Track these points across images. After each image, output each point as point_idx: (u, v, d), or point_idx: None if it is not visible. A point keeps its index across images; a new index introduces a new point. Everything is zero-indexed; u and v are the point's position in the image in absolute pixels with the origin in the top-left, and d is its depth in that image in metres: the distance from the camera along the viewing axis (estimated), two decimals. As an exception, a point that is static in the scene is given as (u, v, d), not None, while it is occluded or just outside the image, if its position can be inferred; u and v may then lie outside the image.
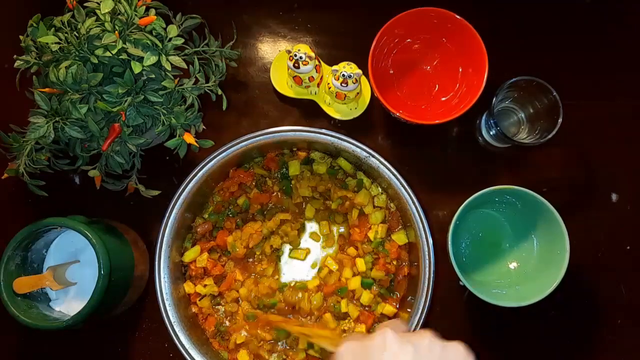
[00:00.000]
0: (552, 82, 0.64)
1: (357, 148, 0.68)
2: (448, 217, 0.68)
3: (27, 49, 0.61)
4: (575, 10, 0.76)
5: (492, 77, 0.64)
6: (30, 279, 0.63)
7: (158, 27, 0.59)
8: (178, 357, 0.65)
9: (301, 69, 0.67)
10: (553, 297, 0.60)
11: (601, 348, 0.70)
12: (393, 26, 0.66)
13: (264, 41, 0.77)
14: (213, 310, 0.69)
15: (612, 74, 0.75)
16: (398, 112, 0.65)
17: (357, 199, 0.70)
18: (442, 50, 0.71)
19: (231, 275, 0.69)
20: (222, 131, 0.73)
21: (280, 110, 0.75)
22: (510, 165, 0.73)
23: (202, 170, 0.68)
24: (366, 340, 0.42)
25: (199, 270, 0.69)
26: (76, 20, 0.59)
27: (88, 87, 0.57)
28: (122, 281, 0.64)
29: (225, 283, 0.69)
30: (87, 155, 0.63)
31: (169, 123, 0.61)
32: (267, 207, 0.72)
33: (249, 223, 0.70)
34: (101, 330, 0.71)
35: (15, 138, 0.60)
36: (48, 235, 0.67)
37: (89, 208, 0.70)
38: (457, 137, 0.74)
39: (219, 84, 0.68)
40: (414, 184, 0.67)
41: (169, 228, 0.67)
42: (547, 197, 0.62)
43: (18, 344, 0.72)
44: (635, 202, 0.72)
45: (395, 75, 0.73)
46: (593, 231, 0.72)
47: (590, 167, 0.73)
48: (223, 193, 0.72)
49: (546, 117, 0.66)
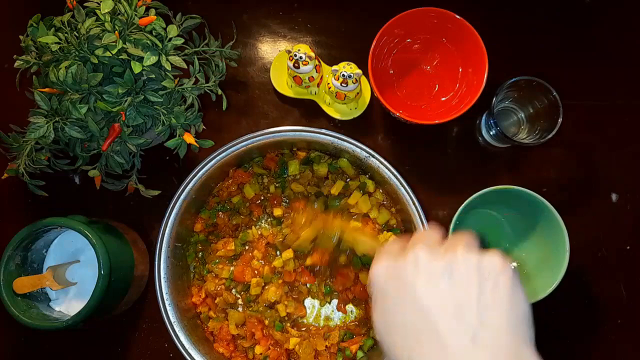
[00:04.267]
0: (552, 82, 0.64)
1: (357, 148, 0.68)
2: (448, 217, 0.68)
3: (27, 49, 0.61)
4: (575, 10, 0.76)
5: (492, 77, 0.64)
6: (30, 279, 0.63)
7: (158, 27, 0.59)
8: (178, 357, 0.65)
9: (301, 69, 0.67)
10: (553, 297, 0.60)
11: (601, 348, 0.70)
12: (393, 26, 0.66)
13: (264, 41, 0.77)
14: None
15: (612, 73, 0.75)
16: (398, 112, 0.65)
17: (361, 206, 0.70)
18: (442, 50, 0.71)
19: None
20: (222, 131, 0.73)
21: (280, 110, 0.75)
22: (510, 165, 0.73)
23: (202, 170, 0.68)
24: (399, 260, 0.40)
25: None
26: (76, 20, 0.59)
27: (88, 87, 0.57)
28: (122, 281, 0.64)
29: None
30: (87, 155, 0.63)
31: (169, 123, 0.61)
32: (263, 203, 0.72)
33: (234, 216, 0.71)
34: (101, 330, 0.71)
35: (15, 138, 0.60)
36: (48, 235, 0.67)
37: (89, 208, 0.70)
38: (457, 137, 0.74)
39: (219, 84, 0.68)
40: (414, 184, 0.67)
41: (169, 228, 0.67)
42: (547, 197, 0.62)
43: (18, 344, 0.72)
44: (635, 202, 0.72)
45: (395, 75, 0.73)
46: (593, 231, 0.72)
47: (590, 167, 0.73)
48: (222, 193, 0.72)
49: (546, 117, 0.66)
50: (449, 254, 0.38)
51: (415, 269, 0.38)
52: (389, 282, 0.40)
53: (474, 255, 0.38)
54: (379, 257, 0.42)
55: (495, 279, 0.37)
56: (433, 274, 0.37)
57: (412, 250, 0.39)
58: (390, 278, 0.40)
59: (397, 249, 0.42)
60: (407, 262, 0.39)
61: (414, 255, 0.39)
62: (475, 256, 0.38)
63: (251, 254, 0.70)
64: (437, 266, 0.38)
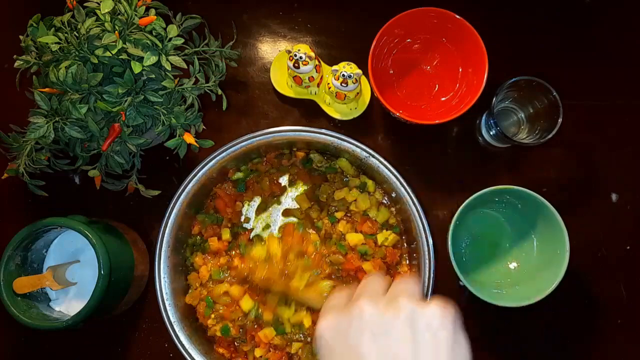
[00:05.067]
0: (552, 82, 0.64)
1: (357, 148, 0.68)
2: (448, 217, 0.68)
3: (27, 49, 0.61)
4: (575, 10, 0.76)
5: (492, 77, 0.64)
6: (30, 279, 0.63)
7: (158, 27, 0.59)
8: (178, 357, 0.65)
9: (301, 69, 0.67)
10: (553, 297, 0.60)
11: (601, 348, 0.70)
12: (393, 26, 0.66)
13: (264, 41, 0.77)
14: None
15: (612, 73, 0.75)
16: (398, 112, 0.65)
17: (360, 204, 0.70)
18: (442, 50, 0.71)
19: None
20: (222, 131, 0.73)
21: (280, 110, 0.75)
22: (510, 165, 0.73)
23: (202, 170, 0.68)
24: (345, 315, 0.40)
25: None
26: (76, 20, 0.59)
27: (88, 87, 0.57)
28: (122, 281, 0.64)
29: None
30: (87, 155, 0.63)
31: (169, 123, 0.61)
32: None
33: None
34: (101, 330, 0.71)
35: (15, 138, 0.60)
36: (48, 235, 0.67)
37: (89, 208, 0.70)
38: (457, 137, 0.74)
39: (219, 84, 0.68)
40: (414, 184, 0.67)
41: (169, 228, 0.67)
42: (547, 197, 0.62)
43: (18, 344, 0.72)
44: (635, 202, 0.72)
45: (395, 75, 0.73)
46: (593, 231, 0.72)
47: (590, 167, 0.73)
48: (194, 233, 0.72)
49: (546, 117, 0.66)
50: (391, 306, 0.38)
51: (359, 325, 0.38)
52: (336, 340, 0.39)
53: (409, 308, 0.38)
54: (324, 312, 0.42)
55: (434, 333, 0.37)
56: (376, 331, 0.37)
57: (356, 304, 0.39)
58: (337, 335, 0.39)
59: (343, 302, 0.42)
60: (352, 318, 0.39)
61: (358, 309, 0.39)
62: (410, 311, 0.38)
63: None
64: (379, 322, 0.38)
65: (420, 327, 0.37)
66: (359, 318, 0.39)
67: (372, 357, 0.37)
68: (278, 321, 0.67)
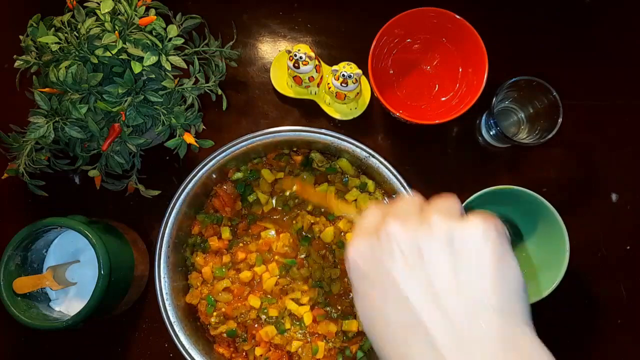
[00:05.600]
0: (552, 82, 0.64)
1: (357, 148, 0.68)
2: (448, 217, 0.68)
3: (27, 49, 0.61)
4: (575, 10, 0.76)
5: (492, 77, 0.64)
6: (30, 279, 0.63)
7: (158, 27, 0.59)
8: (178, 357, 0.65)
9: (301, 69, 0.67)
10: (553, 297, 0.60)
11: (601, 348, 0.70)
12: (393, 26, 0.66)
13: (264, 41, 0.77)
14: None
15: (612, 73, 0.75)
16: (398, 112, 0.65)
17: (360, 203, 0.70)
18: (442, 50, 0.71)
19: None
20: (222, 131, 0.73)
21: (280, 110, 0.75)
22: (510, 165, 0.73)
23: (202, 170, 0.68)
24: (374, 238, 0.35)
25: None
26: (76, 20, 0.59)
27: (88, 87, 0.57)
28: (122, 281, 0.64)
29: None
30: (87, 155, 0.63)
31: (169, 123, 0.61)
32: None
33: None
34: (101, 330, 0.71)
35: (15, 138, 0.60)
36: (48, 235, 0.67)
37: (89, 208, 0.70)
38: (457, 137, 0.74)
39: (219, 84, 0.68)
40: (414, 184, 0.67)
41: (169, 228, 0.67)
42: (547, 197, 0.62)
43: (18, 344, 0.72)
44: (635, 202, 0.72)
45: (395, 75, 0.73)
46: (593, 231, 0.72)
47: (590, 167, 0.73)
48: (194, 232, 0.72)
49: (546, 117, 0.66)
50: (422, 227, 0.33)
51: (389, 249, 0.34)
52: (368, 266, 0.35)
53: (445, 226, 0.33)
54: (355, 234, 0.37)
55: (476, 252, 0.32)
56: (408, 255, 0.33)
57: (384, 226, 0.35)
58: (369, 261, 0.35)
59: (375, 223, 0.36)
60: (382, 242, 0.34)
61: (385, 233, 0.34)
62: (447, 228, 0.33)
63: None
64: (411, 244, 0.33)
65: (458, 245, 0.32)
66: (387, 240, 0.34)
67: (407, 282, 0.32)
68: (280, 321, 0.67)
